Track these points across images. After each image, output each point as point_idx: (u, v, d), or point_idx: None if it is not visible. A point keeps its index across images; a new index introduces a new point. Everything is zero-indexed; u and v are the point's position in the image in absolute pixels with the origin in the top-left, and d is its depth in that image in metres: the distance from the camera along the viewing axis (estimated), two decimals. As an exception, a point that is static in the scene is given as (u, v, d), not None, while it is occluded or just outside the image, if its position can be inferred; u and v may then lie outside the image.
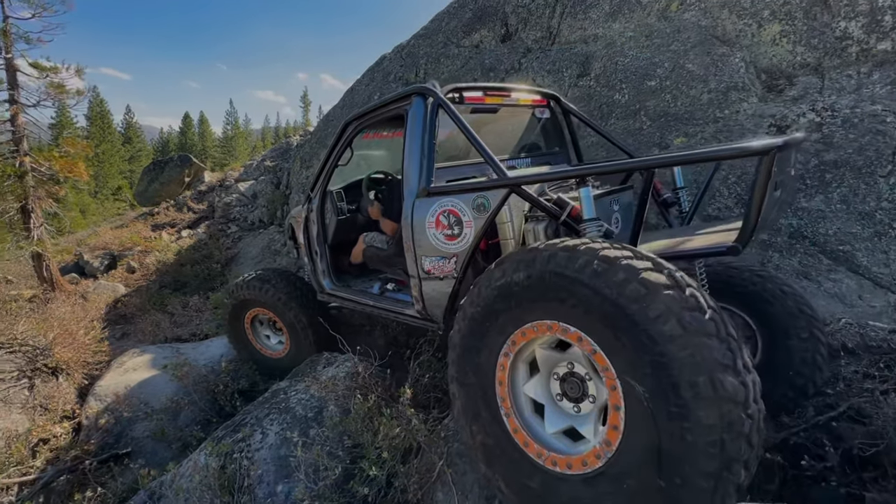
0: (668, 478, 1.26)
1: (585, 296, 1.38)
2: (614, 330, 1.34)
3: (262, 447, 2.23)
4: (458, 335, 1.73)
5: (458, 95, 2.56)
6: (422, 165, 2.36)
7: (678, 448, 1.24)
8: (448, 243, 2.30)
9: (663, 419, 1.26)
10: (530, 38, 6.01)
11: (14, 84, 7.29)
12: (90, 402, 3.27)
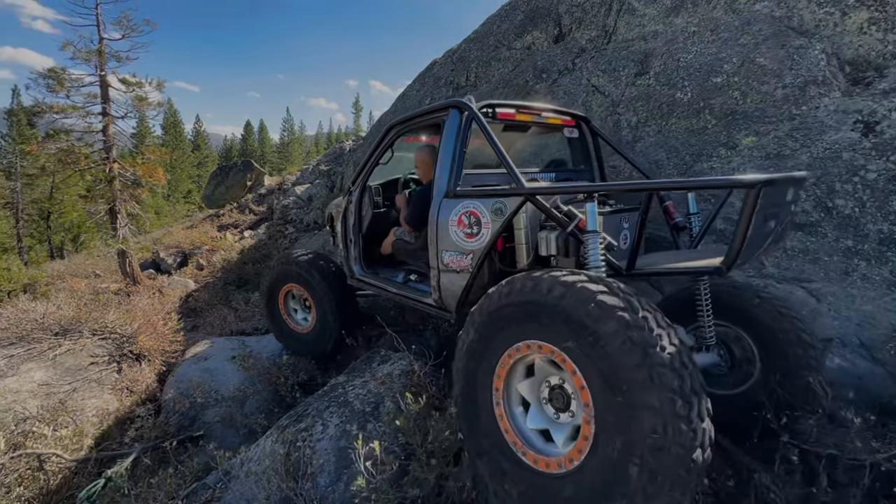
0: None
1: (556, 318, 1.57)
2: (583, 349, 1.50)
3: (322, 438, 2.34)
4: (466, 337, 1.90)
5: (492, 111, 2.77)
6: (451, 170, 2.60)
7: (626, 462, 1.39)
8: (467, 241, 2.53)
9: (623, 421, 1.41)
10: (584, 38, 5.88)
11: (106, 98, 8.13)
12: (168, 387, 3.57)
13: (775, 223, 1.92)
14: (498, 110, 2.80)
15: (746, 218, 1.67)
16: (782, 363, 2.33)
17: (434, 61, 9.00)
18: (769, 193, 1.70)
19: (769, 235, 1.91)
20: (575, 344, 1.52)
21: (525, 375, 1.79)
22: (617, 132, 4.77)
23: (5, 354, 3.66)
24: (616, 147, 3.27)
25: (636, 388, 1.38)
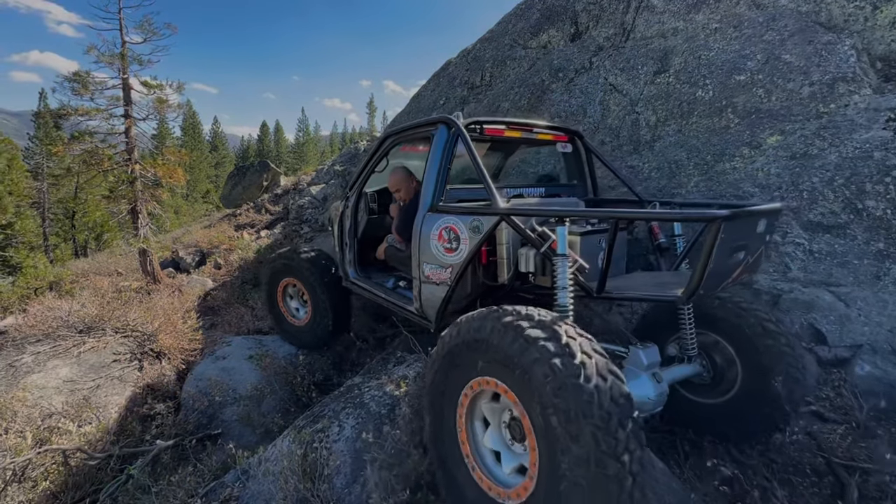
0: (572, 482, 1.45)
1: (495, 353, 1.66)
2: (516, 379, 1.59)
3: (339, 439, 2.34)
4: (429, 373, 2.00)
5: (479, 128, 2.78)
6: (436, 185, 2.66)
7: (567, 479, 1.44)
8: (446, 255, 2.59)
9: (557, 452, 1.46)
10: (602, 36, 5.79)
11: (128, 100, 8.33)
12: (188, 385, 3.63)
13: (745, 254, 1.96)
14: (485, 126, 2.82)
15: (706, 251, 1.71)
16: (757, 357, 2.37)
17: (449, 61, 8.98)
18: (733, 227, 1.75)
19: (738, 266, 1.96)
20: (511, 378, 1.62)
21: (490, 400, 1.86)
22: (635, 131, 4.69)
23: (32, 351, 3.76)
24: (608, 164, 3.29)
25: (561, 419, 1.43)
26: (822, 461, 2.37)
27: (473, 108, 7.07)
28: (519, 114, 5.93)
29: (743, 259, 1.96)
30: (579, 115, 5.25)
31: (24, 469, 2.48)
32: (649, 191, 4.27)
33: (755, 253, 2.04)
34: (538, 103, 5.81)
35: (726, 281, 1.99)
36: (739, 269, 1.99)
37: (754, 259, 2.07)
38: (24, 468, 2.48)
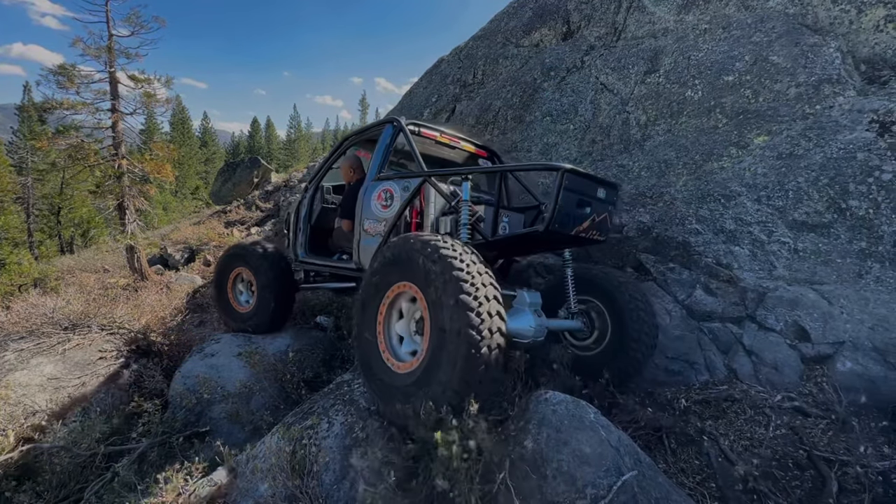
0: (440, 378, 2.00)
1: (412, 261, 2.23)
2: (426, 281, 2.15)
3: (328, 436, 2.33)
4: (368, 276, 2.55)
5: (417, 129, 3.55)
6: (380, 163, 3.41)
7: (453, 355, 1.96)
8: (382, 211, 3.31)
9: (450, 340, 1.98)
10: (593, 35, 5.82)
11: (115, 94, 8.18)
12: (175, 383, 3.59)
13: (590, 210, 2.68)
14: (423, 130, 3.59)
15: (555, 192, 2.46)
16: (623, 319, 3.12)
17: (441, 59, 8.96)
18: (575, 181, 2.55)
19: (586, 218, 2.66)
20: (421, 278, 2.18)
21: (409, 301, 2.43)
22: (626, 130, 4.73)
23: (15, 348, 3.70)
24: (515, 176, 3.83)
25: (448, 305, 2.00)
26: (803, 455, 2.42)
27: (466, 105, 7.07)
28: (511, 112, 5.94)
29: (589, 214, 2.68)
30: (570, 113, 5.28)
31: (6, 467, 2.44)
32: (639, 189, 4.31)
33: (600, 214, 2.76)
34: (530, 102, 5.82)
35: (577, 227, 2.66)
36: (587, 223, 2.70)
37: (600, 220, 2.78)
38: (6, 466, 2.44)
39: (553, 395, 2.21)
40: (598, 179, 2.74)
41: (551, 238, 2.76)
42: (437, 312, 2.05)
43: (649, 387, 3.36)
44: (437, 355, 2.03)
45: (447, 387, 1.96)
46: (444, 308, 2.01)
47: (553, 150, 5.28)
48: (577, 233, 2.66)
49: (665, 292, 3.81)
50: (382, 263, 2.43)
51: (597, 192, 2.73)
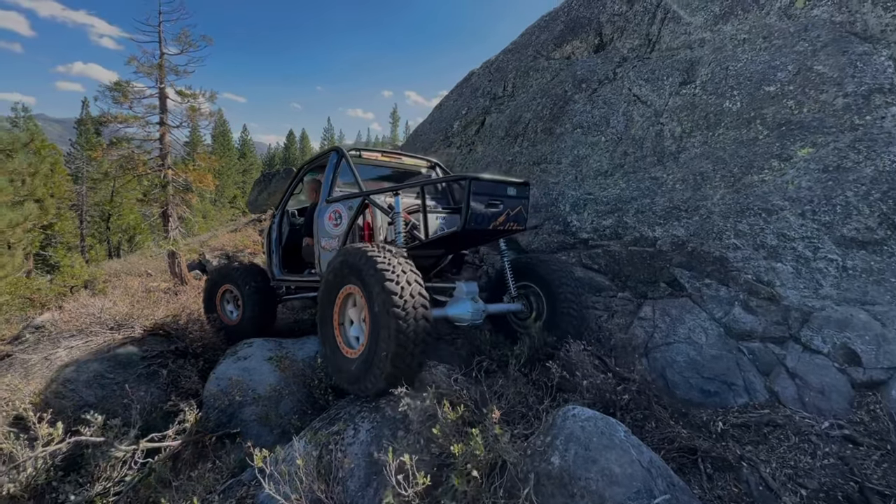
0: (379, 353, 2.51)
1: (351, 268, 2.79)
2: (362, 280, 2.69)
3: (354, 442, 2.35)
4: (325, 279, 3.08)
5: (359, 153, 4.09)
6: (329, 187, 3.93)
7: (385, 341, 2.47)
8: (334, 229, 3.83)
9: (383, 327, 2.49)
10: (626, 47, 5.76)
11: (164, 109, 8.71)
12: (209, 384, 3.72)
13: (503, 207, 3.11)
14: (363, 153, 4.14)
15: (465, 198, 2.92)
16: (555, 300, 3.66)
17: (472, 72, 9.07)
18: (482, 185, 3.01)
19: (499, 215, 3.10)
20: (359, 278, 2.71)
21: (353, 305, 3.03)
22: (659, 142, 4.63)
23: (66, 345, 3.93)
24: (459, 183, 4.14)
25: (379, 298, 2.51)
26: (854, 487, 2.26)
27: (495, 117, 7.11)
28: (541, 124, 5.93)
29: (503, 210, 3.12)
30: (602, 125, 5.22)
31: (54, 458, 2.58)
32: (673, 202, 4.20)
33: (514, 208, 3.20)
34: (560, 113, 5.80)
35: (494, 222, 3.09)
36: (502, 217, 3.14)
37: (515, 212, 3.22)
38: (54, 457, 2.58)
39: (581, 411, 2.16)
40: (506, 181, 3.21)
41: (474, 234, 3.26)
42: (371, 301, 2.58)
43: (683, 406, 3.22)
44: (375, 335, 2.54)
45: (385, 359, 2.46)
46: (374, 295, 2.55)
47: (583, 162, 5.23)
48: (494, 227, 3.13)
49: (701, 309, 3.67)
50: (332, 271, 2.98)
51: (507, 191, 3.19)
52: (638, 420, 2.89)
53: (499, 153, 6.47)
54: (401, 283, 2.52)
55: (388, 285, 2.47)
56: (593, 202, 4.89)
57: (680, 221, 4.08)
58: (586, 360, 3.05)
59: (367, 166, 4.16)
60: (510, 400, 2.64)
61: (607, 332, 4.02)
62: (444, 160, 7.71)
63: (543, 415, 2.54)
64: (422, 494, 1.79)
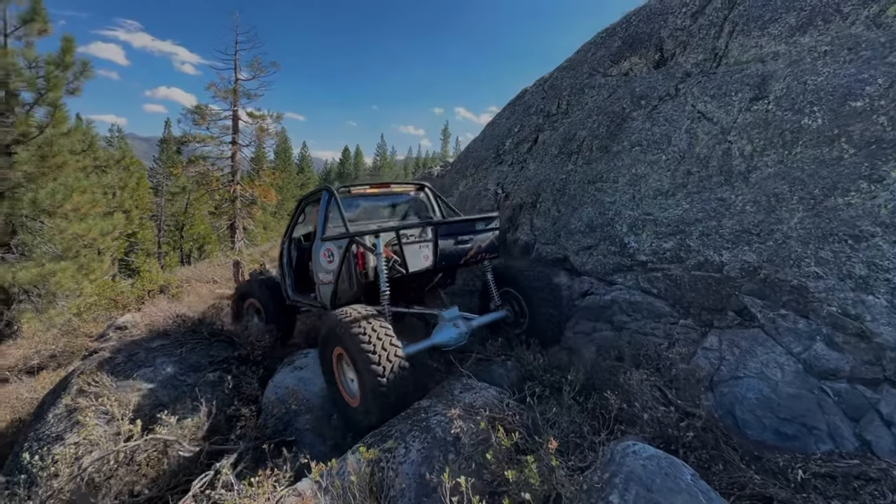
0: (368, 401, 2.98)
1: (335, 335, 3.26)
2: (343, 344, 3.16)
3: (405, 461, 2.37)
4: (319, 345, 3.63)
5: (348, 189, 4.63)
6: (323, 226, 4.34)
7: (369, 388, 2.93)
8: (328, 265, 4.22)
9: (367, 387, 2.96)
10: (690, 62, 5.54)
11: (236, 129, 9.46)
12: (268, 392, 3.90)
13: (471, 242, 3.77)
14: (352, 189, 4.64)
15: (433, 240, 3.59)
16: (536, 304, 4.13)
17: (525, 90, 9.09)
18: (449, 228, 3.66)
19: (469, 250, 3.77)
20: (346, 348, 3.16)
21: (346, 363, 3.40)
22: (727, 161, 4.38)
23: (146, 347, 4.30)
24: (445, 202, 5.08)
25: (361, 362, 2.96)
26: None
27: (548, 135, 7.05)
28: (597, 142, 5.81)
29: (472, 245, 3.70)
30: (663, 143, 5.02)
31: (133, 453, 2.81)
32: (743, 225, 3.94)
33: (485, 241, 3.81)
34: (617, 131, 5.65)
35: (465, 257, 3.69)
36: (474, 250, 3.74)
37: (486, 245, 3.86)
38: (133, 452, 2.81)
39: (642, 448, 2.05)
40: (473, 219, 3.74)
41: (449, 268, 3.82)
42: (355, 364, 3.03)
43: (755, 448, 2.96)
44: (364, 390, 3.00)
45: (372, 406, 2.93)
46: (356, 356, 2.98)
47: (642, 181, 5.04)
48: (465, 261, 3.65)
49: (776, 342, 3.39)
50: (322, 337, 3.48)
51: (475, 227, 3.74)
52: (703, 460, 2.69)
53: (551, 171, 6.39)
54: (376, 347, 2.93)
55: (364, 347, 2.93)
56: (653, 223, 4.69)
57: (751, 246, 3.80)
58: (647, 390, 2.89)
59: (361, 198, 4.67)
60: (563, 429, 2.55)
61: (667, 361, 3.80)
62: (495, 178, 7.73)
63: (600, 447, 2.43)
64: (475, 522, 1.76)
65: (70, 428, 3.22)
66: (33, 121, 10.52)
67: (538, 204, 6.30)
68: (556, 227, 5.81)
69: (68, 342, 9.09)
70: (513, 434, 2.03)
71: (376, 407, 2.89)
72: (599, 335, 4.47)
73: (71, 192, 10.93)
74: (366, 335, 2.96)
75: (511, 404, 2.67)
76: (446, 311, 3.82)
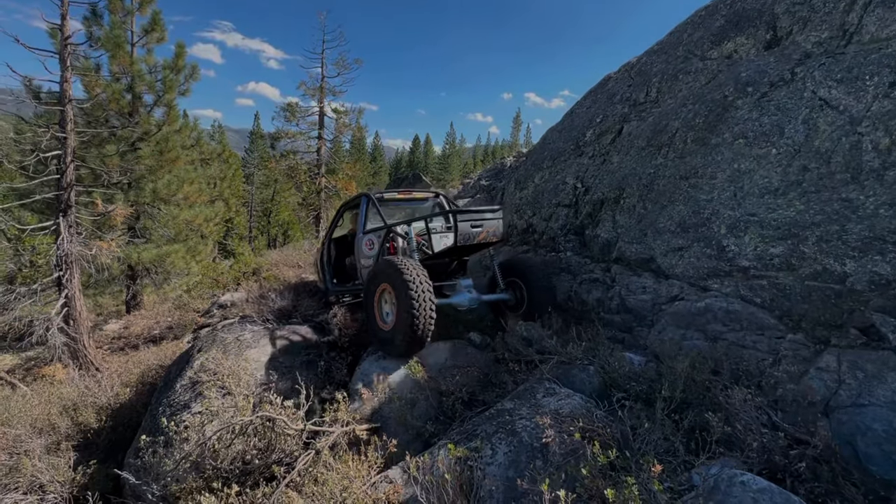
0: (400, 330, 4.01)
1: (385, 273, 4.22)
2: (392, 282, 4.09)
3: (492, 463, 2.44)
4: (365, 284, 4.58)
5: (382, 195, 5.74)
6: (363, 223, 5.49)
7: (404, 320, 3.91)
8: (369, 252, 5.33)
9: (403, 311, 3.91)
10: (810, 42, 4.89)
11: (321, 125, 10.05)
12: (356, 378, 4.18)
13: (482, 227, 4.55)
14: (385, 195, 5.77)
15: (454, 224, 4.48)
16: (533, 288, 5.05)
17: (608, 76, 8.60)
18: (464, 216, 4.50)
19: (481, 232, 4.53)
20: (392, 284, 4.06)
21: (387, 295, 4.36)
22: (855, 156, 3.84)
23: (251, 329, 4.79)
24: (454, 203, 6.28)
25: (401, 292, 3.88)
26: None
27: (635, 126, 6.63)
28: (692, 133, 5.36)
29: (483, 229, 4.53)
30: (773, 135, 4.52)
31: (247, 427, 3.18)
32: (875, 231, 3.45)
33: (492, 227, 4.62)
34: (717, 122, 5.17)
35: (476, 238, 4.49)
36: (484, 234, 4.54)
37: (493, 230, 4.64)
38: (247, 426, 3.18)
39: (752, 480, 1.92)
40: (483, 209, 4.59)
41: (465, 247, 4.62)
42: (398, 296, 3.92)
43: (881, 488, 2.63)
44: (400, 318, 3.92)
45: (406, 334, 3.85)
46: (400, 294, 3.88)
47: (746, 178, 4.59)
48: (478, 242, 4.52)
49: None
50: (374, 274, 4.40)
51: (485, 216, 4.58)
52: (817, 494, 2.46)
53: (638, 165, 6.02)
54: (417, 287, 3.81)
55: (409, 288, 3.79)
56: (757, 225, 4.26)
57: (884, 256, 3.33)
58: (751, 410, 2.69)
59: (391, 202, 5.84)
60: (656, 446, 2.46)
61: (772, 378, 3.48)
62: (574, 171, 7.45)
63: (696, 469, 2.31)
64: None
65: (194, 398, 3.71)
66: (153, 120, 12.00)
67: (622, 200, 5.99)
68: (641, 225, 5.50)
69: (181, 316, 10.39)
70: (610, 451, 1.99)
71: (404, 336, 3.85)
72: (690, 344, 4.19)
73: (182, 182, 12.37)
74: (412, 277, 3.84)
75: (600, 415, 2.61)
76: (463, 280, 5.04)
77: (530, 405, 2.90)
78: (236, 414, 3.29)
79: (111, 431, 4.73)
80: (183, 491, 2.83)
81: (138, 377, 5.54)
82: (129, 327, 10.43)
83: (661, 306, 4.82)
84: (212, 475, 2.95)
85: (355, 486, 2.54)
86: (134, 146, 11.54)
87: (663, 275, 5.02)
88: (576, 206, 6.96)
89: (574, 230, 6.80)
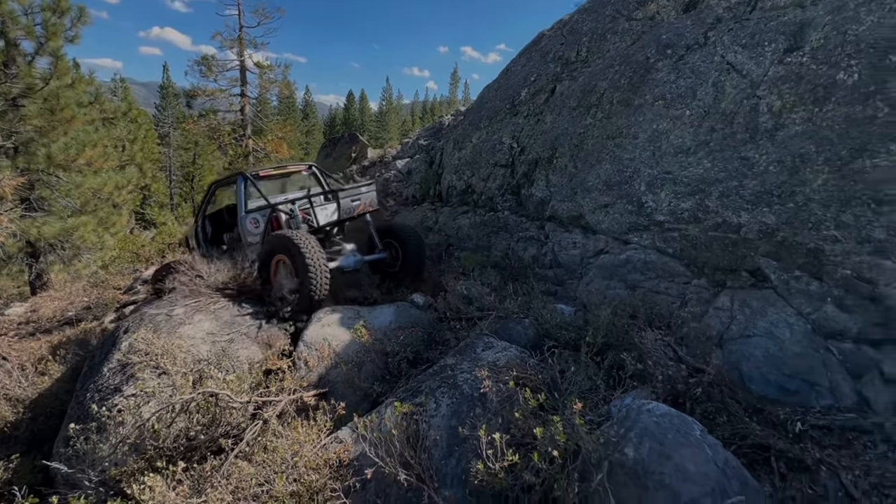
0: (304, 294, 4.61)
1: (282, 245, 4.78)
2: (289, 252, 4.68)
3: (436, 415, 2.62)
4: (261, 255, 5.16)
5: (256, 174, 6.04)
6: (244, 203, 5.79)
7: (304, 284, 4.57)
8: (255, 231, 5.72)
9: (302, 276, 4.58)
10: (722, 6, 5.21)
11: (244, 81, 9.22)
12: (301, 346, 4.18)
13: (360, 200, 5.40)
14: (261, 172, 6.08)
15: (336, 200, 5.37)
16: (406, 248, 5.81)
17: (542, 33, 8.62)
18: (347, 193, 5.37)
19: (360, 205, 5.43)
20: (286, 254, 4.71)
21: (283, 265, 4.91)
22: (753, 118, 4.26)
23: (182, 304, 4.55)
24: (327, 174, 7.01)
25: (298, 261, 4.52)
26: None
27: (567, 85, 6.80)
28: (618, 94, 5.62)
29: (360, 202, 5.37)
30: (687, 97, 4.86)
31: (188, 405, 3.11)
32: (765, 185, 3.92)
33: (368, 199, 5.51)
34: (640, 83, 5.45)
35: (356, 210, 5.36)
36: (361, 206, 5.41)
37: (369, 202, 5.53)
38: (188, 403, 3.11)
39: (656, 406, 2.24)
40: (360, 185, 5.46)
41: (347, 219, 5.39)
42: (296, 265, 4.52)
43: (758, 402, 3.18)
44: (300, 284, 4.50)
45: (304, 296, 4.49)
46: (298, 263, 4.49)
47: (663, 138, 4.95)
48: (357, 213, 5.38)
49: (786, 303, 3.50)
50: (268, 249, 4.98)
51: (361, 191, 5.43)
52: (709, 412, 2.92)
53: (569, 125, 6.24)
54: (312, 255, 4.44)
55: (305, 257, 4.42)
56: (672, 182, 4.67)
57: (771, 208, 3.82)
58: (660, 349, 3.07)
59: (267, 178, 6.25)
60: (580, 386, 2.76)
61: (679, 319, 3.96)
62: (510, 130, 7.56)
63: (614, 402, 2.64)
64: (506, 469, 2.00)
65: (126, 381, 3.53)
66: (36, 72, 10.31)
67: (554, 160, 6.23)
68: (572, 183, 5.79)
69: (100, 295, 9.54)
70: (539, 395, 2.22)
71: (303, 297, 4.50)
72: (613, 293, 4.62)
73: (83, 146, 10.94)
74: (309, 251, 4.44)
75: (532, 363, 2.87)
76: (348, 245, 5.70)
77: (470, 359, 3.10)
78: (175, 393, 3.20)
79: (31, 422, 4.41)
80: (124, 473, 2.76)
81: (57, 363, 5.13)
82: (36, 310, 9.41)
83: (588, 260, 5.21)
84: (154, 455, 2.89)
85: (306, 450, 2.63)
86: (16, 102, 9.95)
87: (591, 230, 5.39)
88: (512, 165, 7.13)
89: (511, 190, 7.00)
